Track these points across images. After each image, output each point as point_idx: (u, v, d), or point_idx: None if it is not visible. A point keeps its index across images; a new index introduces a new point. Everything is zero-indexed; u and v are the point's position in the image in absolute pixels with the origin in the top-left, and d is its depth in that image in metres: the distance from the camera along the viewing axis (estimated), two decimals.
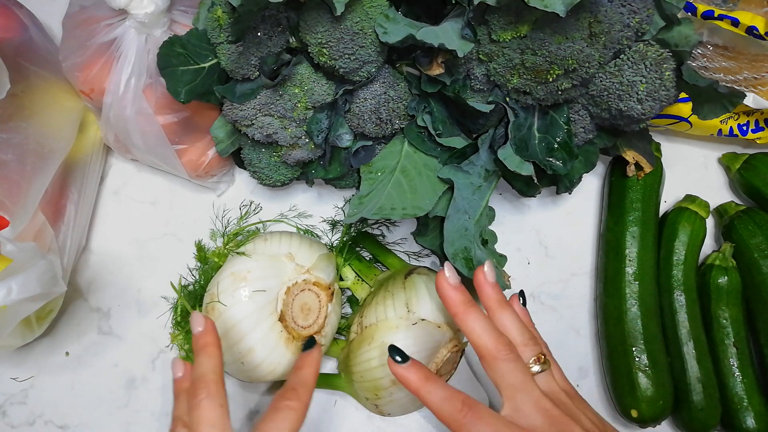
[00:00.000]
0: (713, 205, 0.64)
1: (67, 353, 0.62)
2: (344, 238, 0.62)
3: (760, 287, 0.58)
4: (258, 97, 0.53)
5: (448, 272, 0.43)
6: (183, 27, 0.55)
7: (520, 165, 0.53)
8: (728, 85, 0.56)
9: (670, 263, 0.60)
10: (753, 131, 0.63)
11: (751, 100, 0.58)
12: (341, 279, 0.60)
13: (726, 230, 0.62)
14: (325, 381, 0.59)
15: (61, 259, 0.56)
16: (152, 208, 0.66)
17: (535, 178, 0.53)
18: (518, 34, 0.47)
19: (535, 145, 0.53)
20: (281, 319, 0.53)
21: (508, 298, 0.63)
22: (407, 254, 0.64)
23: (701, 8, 0.56)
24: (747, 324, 0.59)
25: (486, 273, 0.44)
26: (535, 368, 0.41)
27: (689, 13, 0.56)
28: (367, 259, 0.63)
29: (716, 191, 0.67)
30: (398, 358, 0.42)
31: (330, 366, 0.61)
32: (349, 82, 0.52)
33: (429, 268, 0.58)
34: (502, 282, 0.54)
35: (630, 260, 0.59)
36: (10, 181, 0.52)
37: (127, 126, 0.56)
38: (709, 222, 0.64)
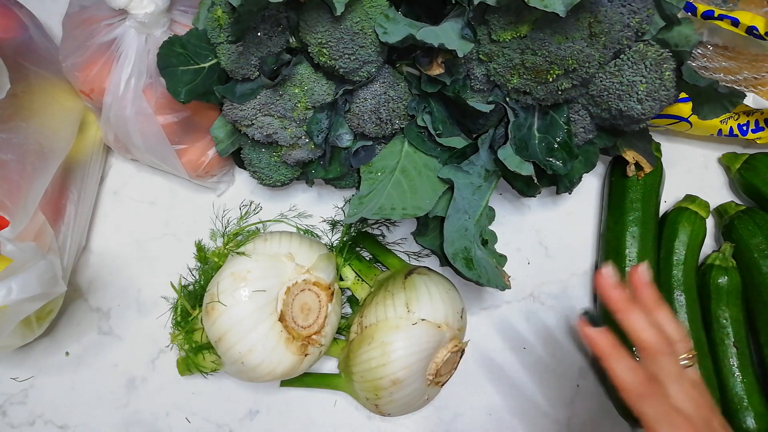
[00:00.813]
0: (713, 205, 0.64)
1: (67, 353, 0.62)
2: (344, 238, 0.62)
3: (760, 287, 0.58)
4: (258, 97, 0.53)
5: (607, 272, 0.46)
6: (183, 27, 0.55)
7: (520, 165, 0.53)
8: (728, 85, 0.56)
9: (670, 263, 0.60)
10: (753, 131, 0.63)
11: (751, 100, 0.58)
12: (341, 279, 0.60)
13: (726, 230, 0.62)
14: (325, 381, 0.59)
15: (61, 259, 0.56)
16: (152, 208, 0.66)
17: (535, 178, 0.53)
18: (518, 34, 0.47)
19: (535, 145, 0.53)
20: (281, 319, 0.53)
21: (508, 299, 0.63)
22: (407, 254, 0.64)
23: (701, 8, 0.56)
24: (747, 324, 0.59)
25: (641, 273, 0.47)
26: (685, 362, 0.45)
27: (689, 13, 0.56)
28: (367, 259, 0.62)
29: (716, 191, 0.67)
30: (589, 320, 0.46)
31: (330, 366, 0.61)
32: (349, 82, 0.52)
33: (429, 268, 0.58)
34: (502, 282, 0.54)
35: (630, 260, 0.59)
36: (10, 181, 0.52)
37: (127, 126, 0.56)
38: (709, 222, 0.64)
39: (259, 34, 0.49)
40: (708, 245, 0.64)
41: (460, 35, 0.47)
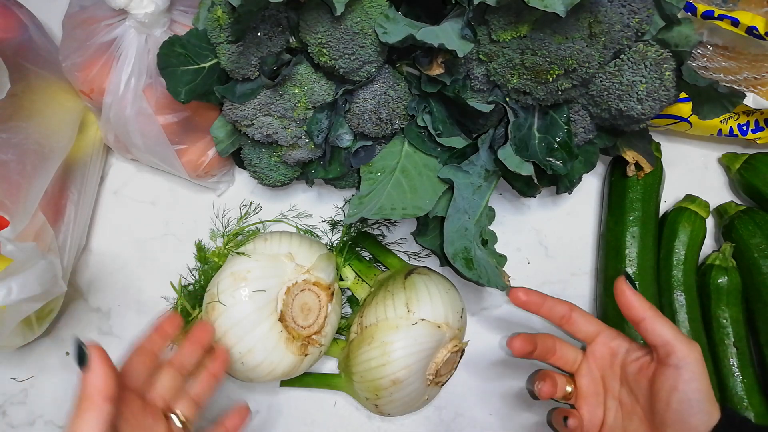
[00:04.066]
0: (713, 205, 0.64)
1: (67, 353, 0.62)
2: (344, 238, 0.62)
3: (760, 287, 0.58)
4: (258, 97, 0.53)
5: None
6: (183, 27, 0.55)
7: (520, 165, 0.53)
8: (728, 85, 0.56)
9: (670, 263, 0.60)
10: (753, 131, 0.63)
11: (751, 100, 0.58)
12: (341, 279, 0.60)
13: (726, 230, 0.62)
14: (325, 381, 0.59)
15: (61, 259, 0.56)
16: (152, 208, 0.66)
17: (535, 178, 0.53)
18: (518, 34, 0.47)
19: (535, 145, 0.53)
20: (281, 319, 0.53)
21: (508, 299, 0.63)
22: (407, 254, 0.64)
23: (701, 8, 0.56)
24: (747, 324, 0.59)
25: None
26: None
27: (689, 13, 0.56)
28: (367, 259, 0.62)
29: (716, 191, 0.67)
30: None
31: (330, 366, 0.61)
32: (349, 82, 0.52)
33: (429, 268, 0.58)
34: (502, 282, 0.54)
35: (630, 260, 0.59)
36: (10, 181, 0.52)
37: (127, 126, 0.56)
38: (709, 222, 0.64)
39: (259, 34, 0.49)
40: (708, 245, 0.64)
41: (460, 35, 0.47)
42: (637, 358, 0.46)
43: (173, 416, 0.46)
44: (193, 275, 0.62)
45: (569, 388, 0.50)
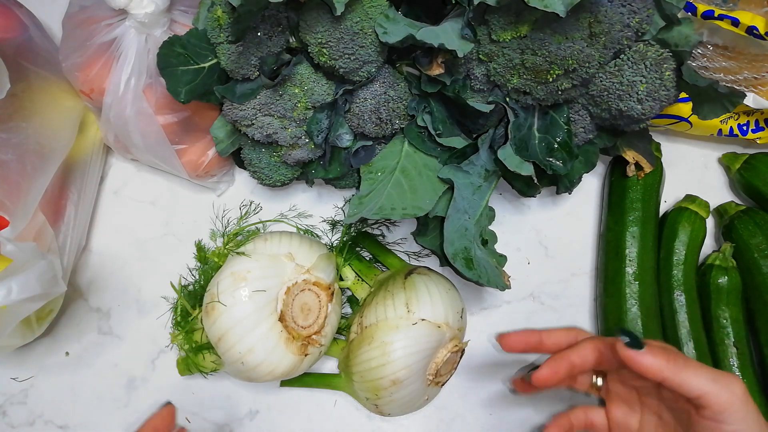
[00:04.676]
0: (713, 205, 0.64)
1: (67, 353, 0.62)
2: (344, 238, 0.62)
3: (760, 287, 0.58)
4: (258, 97, 0.53)
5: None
6: (183, 27, 0.55)
7: (520, 165, 0.53)
8: (728, 85, 0.56)
9: (670, 263, 0.60)
10: (753, 131, 0.63)
11: (751, 100, 0.58)
12: (341, 279, 0.60)
13: (726, 230, 0.62)
14: (325, 381, 0.59)
15: (61, 259, 0.56)
16: (152, 208, 0.66)
17: (535, 178, 0.53)
18: (518, 34, 0.47)
19: (535, 145, 0.53)
20: (281, 319, 0.53)
21: (508, 299, 0.63)
22: (407, 254, 0.64)
23: (701, 8, 0.56)
24: (747, 324, 0.59)
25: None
26: None
27: (689, 13, 0.56)
28: (367, 259, 0.62)
29: (716, 191, 0.67)
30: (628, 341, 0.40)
31: (330, 366, 0.61)
32: (349, 82, 0.52)
33: (429, 268, 0.58)
34: (502, 282, 0.54)
35: (630, 260, 0.59)
36: (10, 181, 0.52)
37: (127, 126, 0.56)
38: (709, 222, 0.64)
39: (259, 34, 0.49)
40: (708, 245, 0.64)
41: (460, 35, 0.47)
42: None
43: None
44: (193, 275, 0.62)
45: (599, 381, 0.48)
